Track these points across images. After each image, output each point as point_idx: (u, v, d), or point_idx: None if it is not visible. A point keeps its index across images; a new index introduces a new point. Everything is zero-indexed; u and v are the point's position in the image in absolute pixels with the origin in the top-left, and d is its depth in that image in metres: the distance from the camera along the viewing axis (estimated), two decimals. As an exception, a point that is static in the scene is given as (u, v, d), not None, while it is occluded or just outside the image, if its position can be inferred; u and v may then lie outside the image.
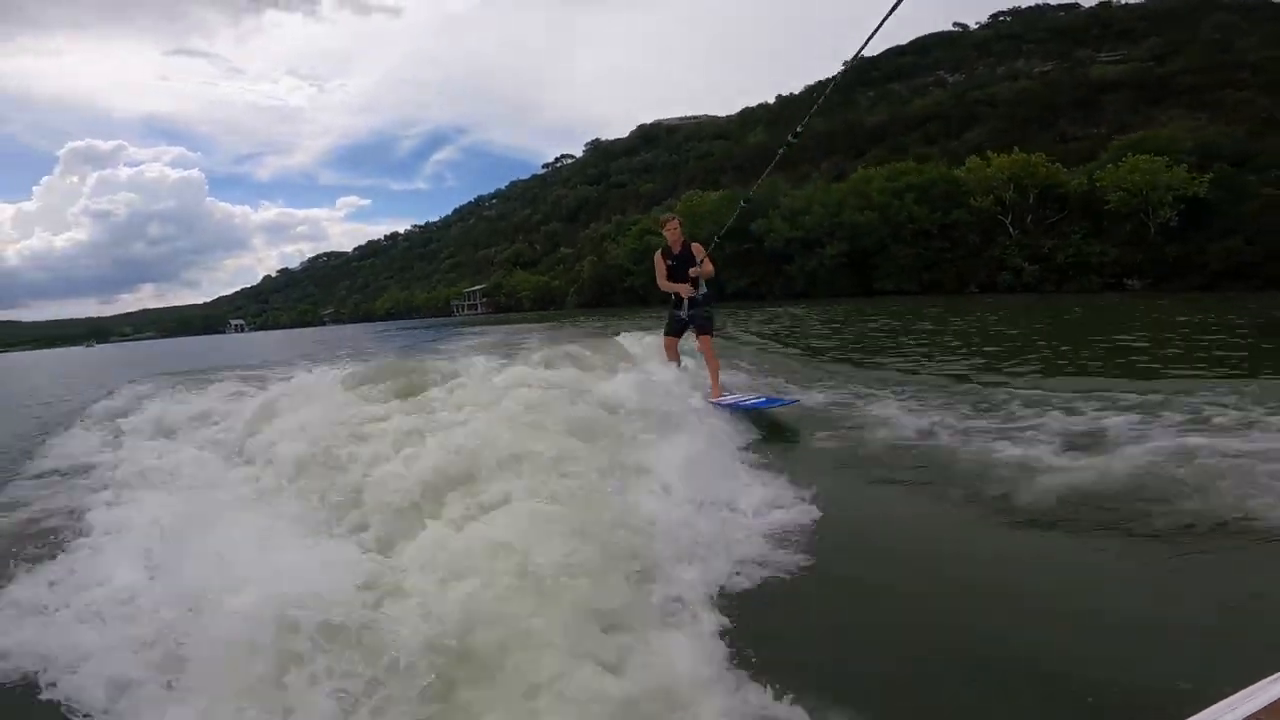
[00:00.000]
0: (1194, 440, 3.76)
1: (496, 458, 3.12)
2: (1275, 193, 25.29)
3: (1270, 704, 0.87)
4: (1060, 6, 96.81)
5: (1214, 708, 0.89)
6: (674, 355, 6.11)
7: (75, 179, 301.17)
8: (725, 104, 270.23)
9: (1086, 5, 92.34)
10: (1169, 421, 4.21)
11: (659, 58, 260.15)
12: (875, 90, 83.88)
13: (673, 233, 5.82)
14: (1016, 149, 32.98)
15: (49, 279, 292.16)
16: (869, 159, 53.01)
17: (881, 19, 3.24)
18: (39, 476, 4.84)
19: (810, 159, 61.41)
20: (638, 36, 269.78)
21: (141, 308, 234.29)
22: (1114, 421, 4.29)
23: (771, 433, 5.08)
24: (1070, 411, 4.70)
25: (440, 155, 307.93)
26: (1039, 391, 5.55)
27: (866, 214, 35.00)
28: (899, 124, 61.11)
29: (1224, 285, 25.67)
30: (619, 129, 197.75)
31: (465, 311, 73.50)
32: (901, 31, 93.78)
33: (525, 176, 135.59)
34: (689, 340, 6.17)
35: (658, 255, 5.95)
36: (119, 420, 6.05)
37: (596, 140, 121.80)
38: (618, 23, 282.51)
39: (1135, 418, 4.33)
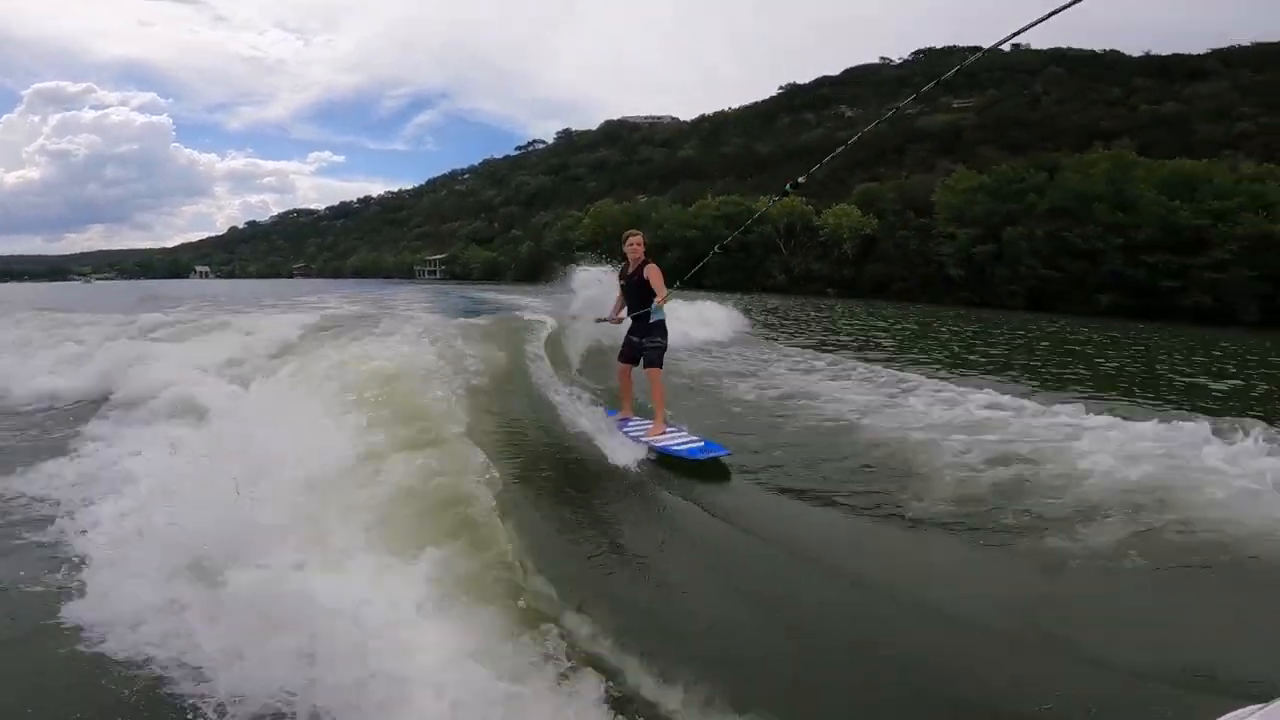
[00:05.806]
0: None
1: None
2: (904, 232, 40.55)
3: None
4: (968, 48, 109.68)
5: None
6: (626, 385, 5.50)
7: (36, 118, 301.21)
8: (702, 101, 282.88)
9: (986, 47, 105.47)
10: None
11: (650, 44, 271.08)
12: (791, 117, 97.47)
13: (633, 250, 5.27)
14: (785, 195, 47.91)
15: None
16: (751, 184, 67.55)
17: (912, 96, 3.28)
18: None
19: (708, 176, 76.04)
20: (634, 20, 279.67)
21: (91, 248, 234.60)
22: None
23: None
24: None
25: (422, 118, 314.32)
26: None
27: (693, 232, 49.82)
28: (780, 155, 75.50)
29: (874, 296, 40.96)
30: (597, 114, 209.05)
31: (426, 276, 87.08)
32: (837, 60, 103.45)
33: (501, 152, 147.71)
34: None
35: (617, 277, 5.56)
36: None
37: (567, 130, 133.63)
38: (616, 3, 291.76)
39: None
